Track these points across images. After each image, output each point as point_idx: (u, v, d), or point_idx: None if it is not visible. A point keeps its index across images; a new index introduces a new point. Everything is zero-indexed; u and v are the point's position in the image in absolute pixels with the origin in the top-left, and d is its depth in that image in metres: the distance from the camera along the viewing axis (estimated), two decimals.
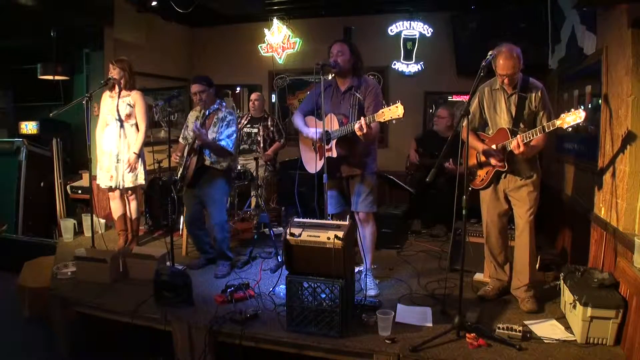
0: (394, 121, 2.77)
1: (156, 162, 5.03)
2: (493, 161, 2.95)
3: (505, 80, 2.84)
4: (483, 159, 3.06)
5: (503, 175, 3.01)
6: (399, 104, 2.71)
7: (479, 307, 2.96)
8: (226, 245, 3.75)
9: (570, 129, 2.57)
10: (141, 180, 4.18)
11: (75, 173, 5.72)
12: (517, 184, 2.97)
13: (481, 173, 3.10)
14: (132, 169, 4.07)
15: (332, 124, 3.08)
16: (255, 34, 6.35)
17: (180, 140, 3.87)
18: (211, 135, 3.60)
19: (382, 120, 2.80)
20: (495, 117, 3.01)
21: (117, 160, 4.06)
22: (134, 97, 4.07)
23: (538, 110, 2.86)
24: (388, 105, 2.77)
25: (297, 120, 3.34)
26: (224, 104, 3.78)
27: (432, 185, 4.38)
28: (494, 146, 2.95)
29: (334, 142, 3.06)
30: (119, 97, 4.05)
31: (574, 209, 3.67)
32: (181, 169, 3.68)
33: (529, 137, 2.72)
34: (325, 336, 2.59)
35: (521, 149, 2.72)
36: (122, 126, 4.05)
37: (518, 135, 2.76)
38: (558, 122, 2.59)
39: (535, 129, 2.71)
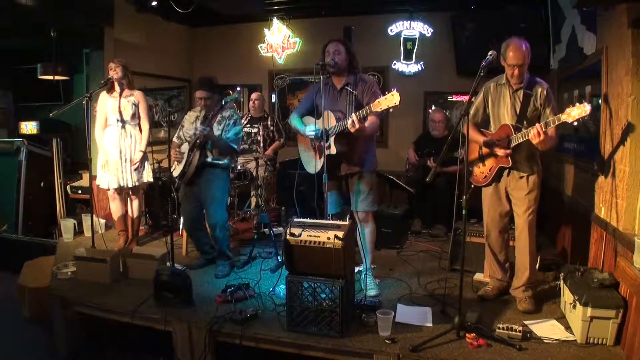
0: (391, 109, 2.77)
1: (156, 162, 5.04)
2: (499, 151, 2.91)
3: (515, 72, 2.83)
4: (486, 151, 3.06)
5: (506, 173, 3.01)
6: (394, 92, 2.70)
7: (479, 307, 2.96)
8: (226, 244, 3.75)
9: (575, 122, 2.56)
10: (149, 177, 4.22)
11: (75, 173, 5.72)
12: (519, 183, 2.96)
13: (484, 170, 3.10)
14: (139, 167, 4.09)
15: (330, 120, 3.08)
16: (255, 34, 6.34)
17: (175, 139, 3.86)
18: (215, 132, 3.63)
19: (379, 110, 2.79)
20: (499, 112, 3.01)
21: (124, 160, 4.07)
22: (138, 97, 4.09)
23: (543, 108, 2.86)
24: (384, 95, 2.77)
25: (294, 121, 3.34)
26: (237, 96, 3.78)
27: (431, 186, 4.39)
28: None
29: (332, 139, 3.06)
30: (120, 97, 4.05)
31: (574, 209, 3.67)
32: (181, 166, 3.67)
33: (545, 127, 2.68)
34: (325, 336, 2.59)
35: (542, 136, 2.66)
36: (123, 126, 4.06)
37: (537, 124, 2.70)
38: (563, 117, 2.58)
39: (542, 123, 2.69)
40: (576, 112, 2.53)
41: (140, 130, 4.14)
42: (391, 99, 2.72)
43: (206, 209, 3.72)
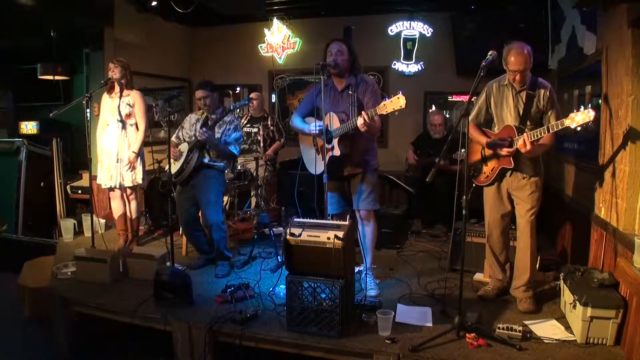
0: (396, 113, 2.77)
1: (156, 162, 5.03)
2: (503, 151, 2.89)
3: (517, 77, 2.83)
4: (488, 152, 3.06)
5: (508, 174, 3.01)
6: (400, 95, 2.71)
7: (479, 307, 2.96)
8: (223, 245, 3.75)
9: (579, 128, 2.56)
10: (139, 179, 4.18)
11: (75, 173, 5.72)
12: (521, 183, 2.97)
13: (486, 170, 3.10)
14: (131, 167, 4.08)
15: (333, 122, 3.08)
16: (255, 34, 6.34)
17: (173, 139, 3.88)
18: (215, 135, 3.64)
19: (384, 113, 2.80)
20: (501, 113, 3.00)
21: (117, 159, 4.07)
22: (134, 97, 4.08)
23: (546, 109, 2.86)
24: (389, 97, 2.77)
25: (296, 121, 3.33)
26: (247, 102, 3.80)
27: (431, 186, 4.39)
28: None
29: (336, 141, 3.06)
30: (120, 97, 4.05)
31: (574, 209, 3.67)
32: (179, 164, 3.68)
33: (536, 136, 2.71)
34: (325, 336, 2.59)
35: (528, 147, 2.71)
36: (123, 127, 4.06)
37: (525, 134, 2.75)
38: (567, 122, 2.57)
39: (542, 128, 2.70)
40: (580, 118, 2.52)
41: (137, 130, 4.14)
42: (397, 102, 2.72)
43: (202, 210, 3.73)
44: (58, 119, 5.05)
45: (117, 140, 4.06)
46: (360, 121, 2.85)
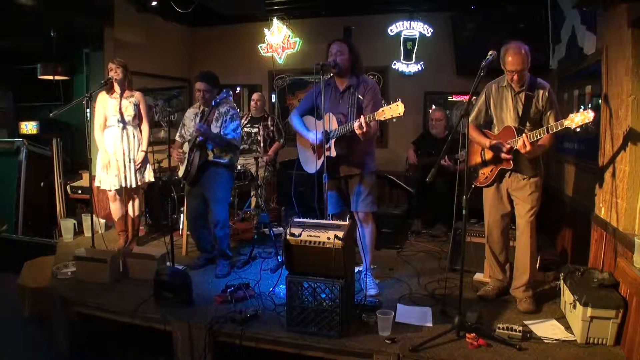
0: (394, 119, 2.77)
1: (156, 162, 5.03)
2: (502, 154, 2.90)
3: (515, 77, 2.83)
4: (488, 155, 3.06)
5: (507, 175, 3.01)
6: (399, 102, 2.71)
7: (479, 307, 2.96)
8: (226, 244, 3.75)
9: (578, 129, 2.56)
10: (150, 177, 4.26)
11: (75, 173, 5.72)
12: (520, 184, 2.97)
13: (485, 171, 3.10)
14: (141, 167, 4.12)
15: (331, 123, 3.08)
16: (255, 34, 6.35)
17: (177, 138, 3.89)
18: (214, 130, 3.62)
19: (382, 119, 2.80)
20: (501, 114, 3.00)
21: (129, 160, 4.08)
22: (138, 97, 4.11)
23: (545, 110, 2.86)
24: (388, 104, 2.77)
25: (295, 122, 3.33)
26: (225, 95, 3.72)
27: (431, 186, 4.39)
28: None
29: (332, 142, 3.06)
30: (121, 97, 4.05)
31: (574, 209, 3.67)
32: (184, 166, 3.67)
33: (536, 137, 2.71)
34: (325, 336, 2.59)
35: (527, 148, 2.71)
36: (124, 127, 4.05)
37: (524, 135, 2.75)
38: (566, 122, 2.58)
39: (542, 129, 2.70)
40: (579, 119, 2.52)
41: (141, 130, 4.16)
42: (395, 109, 2.73)
43: (209, 207, 3.72)
44: (58, 119, 5.06)
45: (124, 141, 4.06)
46: (356, 125, 2.85)
